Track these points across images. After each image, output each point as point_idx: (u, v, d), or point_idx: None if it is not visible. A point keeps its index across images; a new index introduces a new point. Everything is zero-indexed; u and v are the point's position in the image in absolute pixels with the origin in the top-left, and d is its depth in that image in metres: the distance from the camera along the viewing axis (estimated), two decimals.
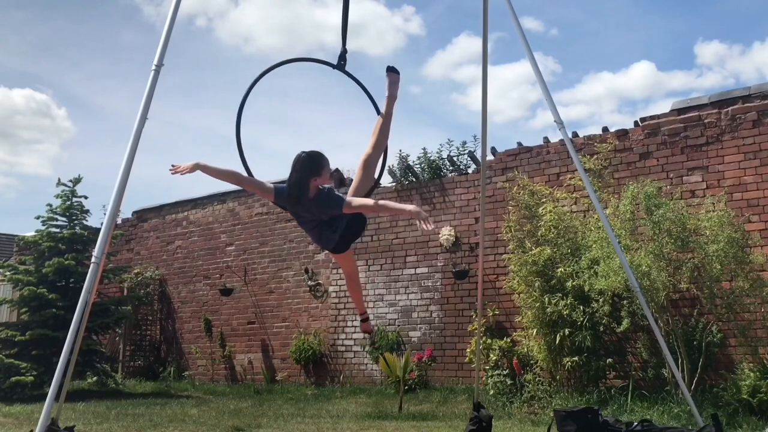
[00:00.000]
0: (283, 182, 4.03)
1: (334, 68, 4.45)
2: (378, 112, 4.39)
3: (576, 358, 7.51)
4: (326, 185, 3.99)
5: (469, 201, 9.79)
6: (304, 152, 3.95)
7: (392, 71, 4.43)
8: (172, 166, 3.89)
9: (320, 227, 4.12)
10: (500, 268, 9.06)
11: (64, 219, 10.95)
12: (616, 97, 35.27)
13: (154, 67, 4.04)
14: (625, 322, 7.20)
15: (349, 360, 10.59)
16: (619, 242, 6.24)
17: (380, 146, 4.34)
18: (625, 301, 7.25)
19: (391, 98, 4.37)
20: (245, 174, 4.17)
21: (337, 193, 4.01)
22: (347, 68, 4.51)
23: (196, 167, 3.92)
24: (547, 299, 7.66)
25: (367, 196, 4.23)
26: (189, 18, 30.10)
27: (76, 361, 4.78)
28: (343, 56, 4.45)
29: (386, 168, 4.35)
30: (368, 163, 4.31)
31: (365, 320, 4.95)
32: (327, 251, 4.68)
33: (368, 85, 4.54)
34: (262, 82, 4.29)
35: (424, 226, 3.68)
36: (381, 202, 4.11)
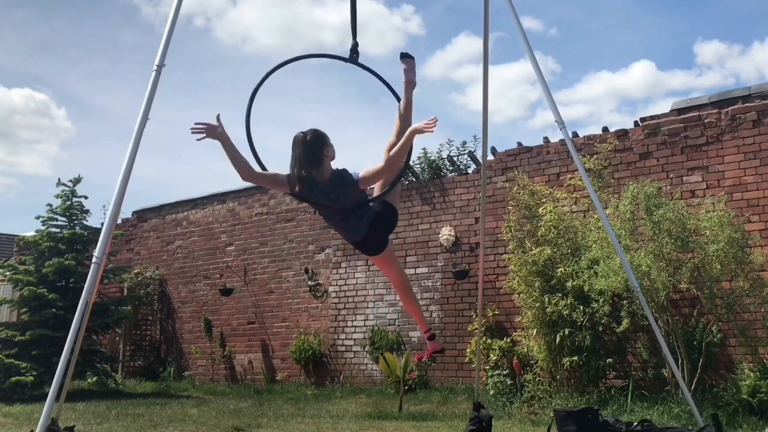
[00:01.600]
0: None
1: (347, 62, 4.40)
2: (397, 98, 4.31)
3: (576, 358, 7.52)
4: (339, 168, 3.90)
5: (469, 201, 9.79)
6: (302, 132, 3.86)
7: (407, 57, 4.35)
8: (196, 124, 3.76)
9: (346, 217, 3.99)
10: (500, 268, 9.06)
11: (64, 219, 10.95)
12: (615, 96, 35.33)
13: (155, 68, 4.02)
14: (625, 322, 7.20)
15: (349, 360, 10.59)
16: (619, 242, 6.24)
17: (403, 133, 4.14)
18: (625, 301, 7.25)
19: (410, 84, 4.29)
20: (257, 168, 3.97)
21: (350, 173, 3.92)
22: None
23: (219, 134, 3.75)
24: (547, 299, 7.66)
25: (394, 183, 4.10)
26: (187, 18, 30.10)
27: (76, 361, 4.78)
28: (354, 49, 4.38)
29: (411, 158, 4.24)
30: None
31: (432, 338, 4.57)
32: (368, 257, 4.49)
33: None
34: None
35: (430, 130, 3.66)
36: (390, 155, 3.86)
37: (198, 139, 3.78)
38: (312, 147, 3.82)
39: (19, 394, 9.42)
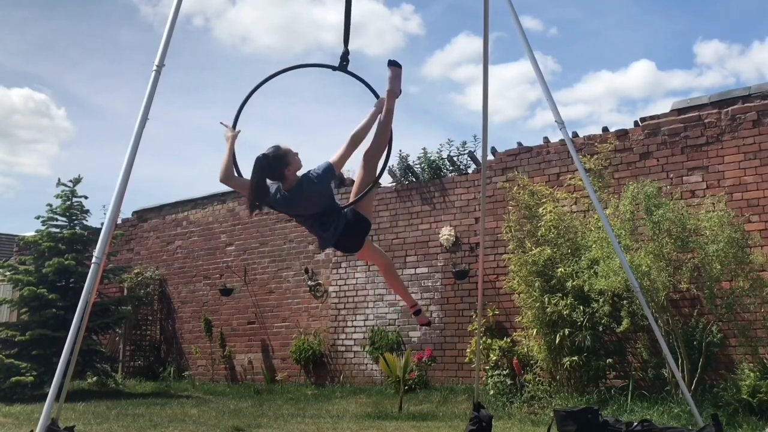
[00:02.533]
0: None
1: (335, 70, 4.41)
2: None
3: (576, 358, 7.52)
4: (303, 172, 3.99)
5: (469, 201, 9.79)
6: (263, 153, 3.94)
7: (394, 65, 4.31)
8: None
9: (314, 225, 4.14)
10: (500, 268, 9.06)
11: (64, 219, 10.95)
12: (615, 96, 35.35)
13: (155, 68, 4.03)
14: (625, 322, 7.20)
15: (349, 360, 10.59)
16: (619, 242, 6.24)
17: (381, 143, 4.21)
18: (625, 301, 7.25)
19: (392, 93, 4.23)
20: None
21: (319, 170, 3.98)
22: (349, 68, 4.44)
23: (233, 137, 4.13)
24: (547, 299, 7.66)
25: (367, 192, 4.14)
26: (186, 17, 30.10)
27: (76, 361, 4.78)
28: (345, 57, 4.37)
29: (387, 167, 4.26)
30: (368, 160, 4.21)
31: (418, 312, 4.66)
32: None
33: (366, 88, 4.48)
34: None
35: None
36: (353, 133, 4.03)
37: (221, 122, 4.23)
38: (272, 168, 3.94)
39: (19, 394, 9.42)
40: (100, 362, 10.86)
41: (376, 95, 4.33)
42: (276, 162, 3.93)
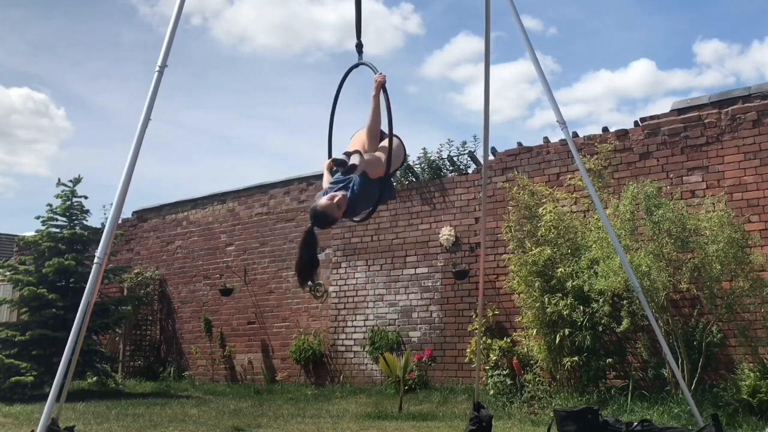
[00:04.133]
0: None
1: (358, 66, 4.44)
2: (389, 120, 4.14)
3: (576, 358, 7.52)
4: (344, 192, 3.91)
5: (469, 201, 9.80)
6: (309, 227, 3.89)
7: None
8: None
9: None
10: (500, 268, 9.06)
11: (64, 219, 10.95)
12: (615, 95, 35.36)
13: (157, 68, 4.03)
14: (625, 322, 7.21)
15: (349, 360, 10.59)
16: (619, 242, 6.24)
17: (372, 132, 4.08)
18: (625, 301, 7.26)
19: (380, 84, 4.07)
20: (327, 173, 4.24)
21: (356, 185, 3.93)
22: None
23: (328, 167, 4.20)
24: (547, 299, 7.66)
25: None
26: (185, 17, 29.71)
27: (77, 361, 4.78)
28: (359, 48, 4.45)
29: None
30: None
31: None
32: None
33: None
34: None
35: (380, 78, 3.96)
36: (368, 127, 4.05)
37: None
38: (323, 227, 3.96)
39: (19, 394, 9.42)
40: (100, 362, 10.87)
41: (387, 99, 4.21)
42: (324, 225, 3.93)
